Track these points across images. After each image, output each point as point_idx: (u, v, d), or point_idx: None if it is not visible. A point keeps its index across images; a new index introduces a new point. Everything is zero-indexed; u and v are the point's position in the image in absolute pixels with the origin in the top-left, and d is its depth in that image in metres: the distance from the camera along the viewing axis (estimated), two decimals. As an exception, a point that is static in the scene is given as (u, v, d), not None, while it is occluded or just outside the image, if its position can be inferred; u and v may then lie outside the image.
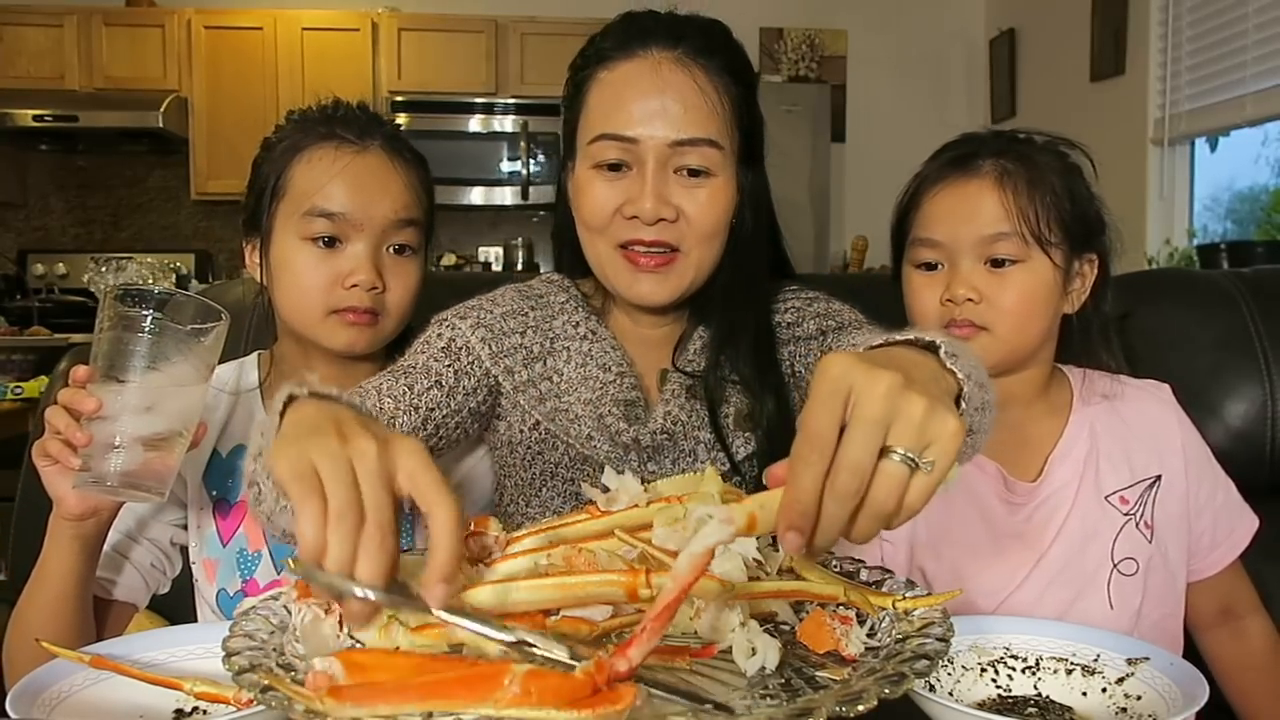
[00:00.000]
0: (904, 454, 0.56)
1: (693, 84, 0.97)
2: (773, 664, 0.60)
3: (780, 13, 4.79)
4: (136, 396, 0.81)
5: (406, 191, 1.09)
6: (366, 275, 1.05)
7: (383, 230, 1.07)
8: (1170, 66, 3.44)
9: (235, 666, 0.57)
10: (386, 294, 1.08)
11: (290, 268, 1.07)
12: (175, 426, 0.84)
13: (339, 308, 1.06)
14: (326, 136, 1.08)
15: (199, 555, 1.12)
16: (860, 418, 0.56)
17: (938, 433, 0.56)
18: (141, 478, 0.82)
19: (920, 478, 0.56)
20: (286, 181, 1.08)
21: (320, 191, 1.06)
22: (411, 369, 0.99)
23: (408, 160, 1.11)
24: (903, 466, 0.56)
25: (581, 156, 1.01)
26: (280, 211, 1.08)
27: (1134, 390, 1.12)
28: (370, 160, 1.08)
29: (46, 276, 4.45)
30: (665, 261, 0.99)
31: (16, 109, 4.09)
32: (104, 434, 0.82)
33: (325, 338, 1.07)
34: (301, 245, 1.06)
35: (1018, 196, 1.01)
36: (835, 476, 0.55)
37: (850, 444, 0.56)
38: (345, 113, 1.11)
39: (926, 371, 0.63)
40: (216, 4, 4.37)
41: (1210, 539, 1.10)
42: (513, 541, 0.71)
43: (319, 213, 1.05)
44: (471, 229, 4.70)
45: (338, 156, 1.07)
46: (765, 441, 1.03)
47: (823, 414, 0.56)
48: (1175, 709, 0.69)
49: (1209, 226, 3.60)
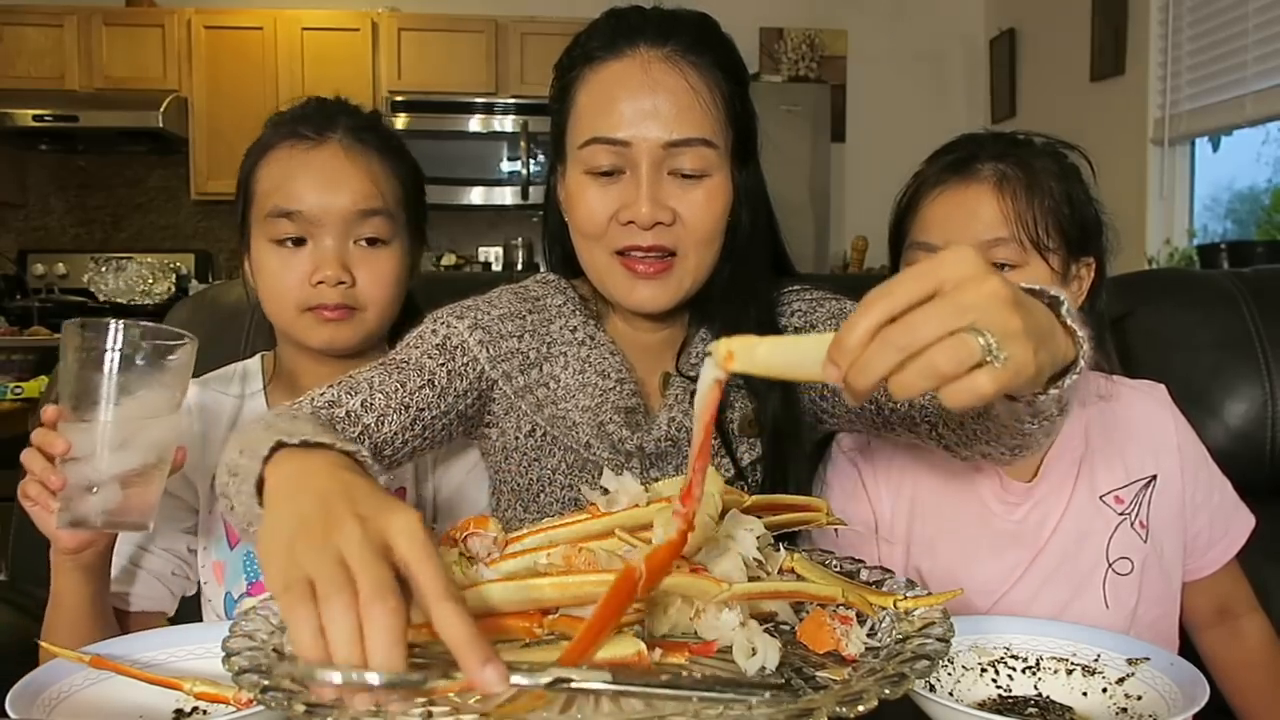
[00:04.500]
0: (985, 336, 0.52)
1: (684, 82, 0.95)
2: (773, 664, 0.60)
3: (780, 13, 4.79)
4: (107, 434, 0.79)
5: (367, 182, 1.07)
6: (332, 270, 1.04)
7: (345, 224, 1.06)
8: (1170, 66, 3.44)
9: (235, 666, 0.57)
10: (358, 288, 1.06)
11: (263, 271, 1.08)
12: (150, 459, 0.82)
13: (311, 305, 1.05)
14: (287, 135, 1.07)
15: (207, 558, 1.11)
16: (948, 295, 0.53)
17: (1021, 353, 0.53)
18: (123, 514, 0.81)
19: (989, 369, 0.53)
20: (253, 185, 1.08)
21: (279, 191, 1.05)
22: (405, 364, 0.96)
23: (370, 147, 1.09)
24: (977, 341, 0.52)
25: (573, 161, 0.99)
26: (252, 216, 1.09)
27: (1129, 390, 1.12)
28: (325, 154, 1.06)
29: (46, 276, 4.45)
30: (663, 268, 0.97)
31: (16, 109, 4.09)
32: (78, 476, 0.80)
33: (304, 336, 1.07)
34: (270, 248, 1.06)
35: (1016, 201, 1.00)
36: (890, 327, 0.53)
37: (923, 310, 0.53)
38: (308, 109, 1.11)
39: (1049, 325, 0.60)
40: (216, 4, 4.37)
41: (1207, 538, 1.10)
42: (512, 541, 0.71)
43: (280, 212, 1.05)
44: (471, 229, 4.70)
45: (293, 154, 1.06)
46: (770, 446, 1.02)
47: (908, 280, 0.54)
48: (1175, 709, 0.69)
49: (1209, 226, 3.60)
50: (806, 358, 0.56)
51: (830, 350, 0.54)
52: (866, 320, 0.53)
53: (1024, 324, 0.54)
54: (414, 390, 0.94)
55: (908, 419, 0.93)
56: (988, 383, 0.53)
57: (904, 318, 0.53)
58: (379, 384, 0.93)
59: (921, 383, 0.53)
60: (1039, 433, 0.76)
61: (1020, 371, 0.54)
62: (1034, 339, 0.55)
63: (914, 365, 0.53)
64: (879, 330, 0.53)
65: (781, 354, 0.57)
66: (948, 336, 0.52)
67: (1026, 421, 0.72)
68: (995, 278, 0.54)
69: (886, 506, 1.09)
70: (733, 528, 0.70)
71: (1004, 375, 0.53)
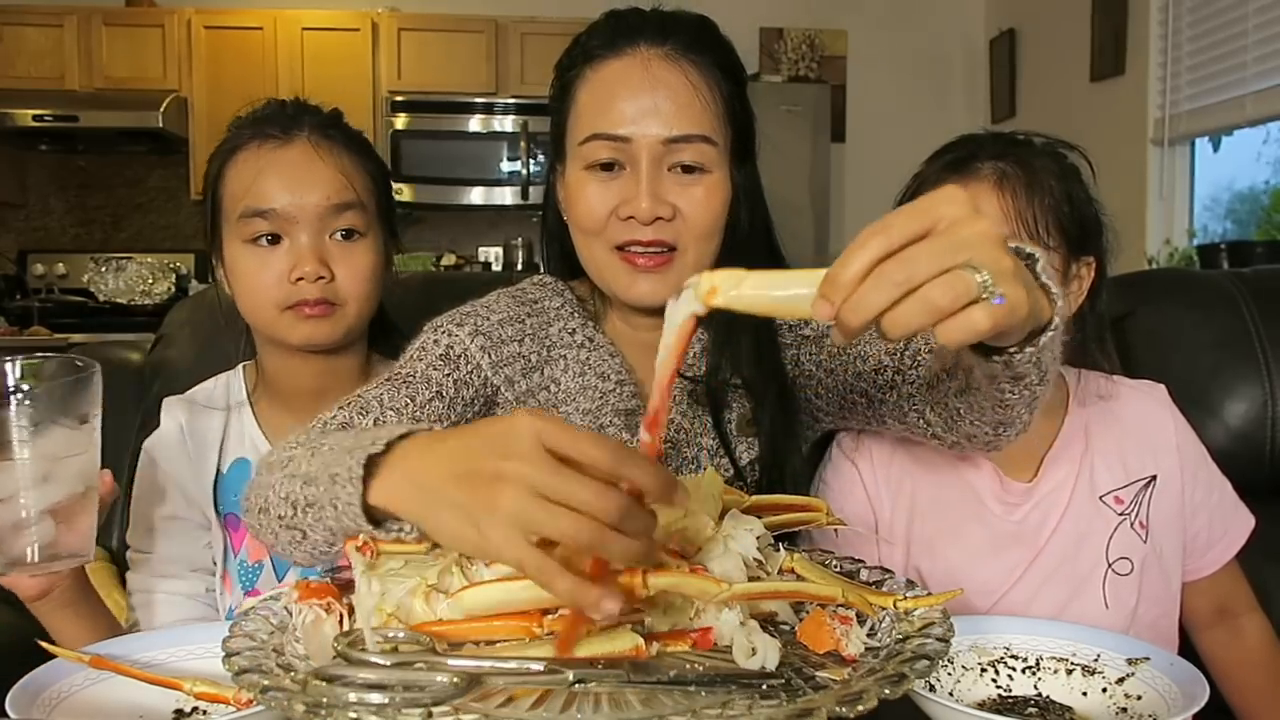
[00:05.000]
0: (980, 273, 0.52)
1: (684, 80, 0.95)
2: (773, 664, 0.60)
3: (780, 13, 4.79)
4: (27, 471, 0.78)
5: (338, 176, 1.07)
6: (311, 266, 1.04)
7: (320, 219, 1.06)
8: (1170, 66, 3.44)
9: (235, 666, 0.57)
10: (337, 282, 1.06)
11: (238, 273, 1.07)
12: (77, 488, 0.81)
13: (291, 303, 1.05)
14: (253, 136, 1.07)
15: (218, 570, 1.11)
16: (943, 232, 0.53)
17: (1014, 292, 0.53)
18: (62, 549, 0.80)
19: (984, 305, 0.52)
20: (221, 189, 1.08)
21: (250, 191, 1.05)
22: (411, 378, 0.96)
23: (337, 143, 1.09)
24: (974, 278, 0.52)
25: (573, 158, 0.99)
26: (223, 220, 1.08)
27: (1129, 391, 1.12)
28: (294, 151, 1.07)
29: (46, 276, 4.45)
30: (663, 261, 0.97)
31: (16, 109, 4.08)
32: (6, 517, 0.79)
33: (285, 334, 1.07)
34: (245, 248, 1.06)
35: (1015, 200, 1.00)
36: (886, 262, 0.52)
37: (921, 245, 0.52)
38: (270, 111, 1.11)
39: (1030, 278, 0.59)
40: (216, 4, 4.37)
41: (1206, 539, 1.10)
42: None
43: (253, 213, 1.05)
44: (471, 229, 4.69)
45: (260, 154, 1.06)
46: (769, 446, 1.02)
47: (903, 217, 0.53)
48: (1175, 709, 0.69)
49: (1209, 226, 3.60)
50: (796, 295, 0.54)
51: (823, 287, 0.53)
52: (863, 255, 0.52)
53: (1014, 266, 0.54)
54: (424, 404, 0.94)
55: (897, 409, 0.94)
56: (983, 318, 0.53)
57: (901, 253, 0.52)
58: (389, 401, 0.93)
59: (918, 318, 0.52)
60: (1019, 405, 0.76)
61: (1014, 310, 0.54)
62: (1023, 282, 0.55)
63: (910, 300, 0.52)
64: (875, 266, 0.53)
65: (769, 290, 0.55)
66: (944, 273, 0.52)
67: (1006, 388, 0.72)
68: (986, 219, 0.54)
69: (886, 507, 1.09)
70: (733, 528, 0.70)
71: (999, 312, 0.53)
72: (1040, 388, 0.73)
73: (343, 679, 0.56)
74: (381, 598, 0.64)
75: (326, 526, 0.69)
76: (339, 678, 0.56)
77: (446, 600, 0.63)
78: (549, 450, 0.55)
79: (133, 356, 1.44)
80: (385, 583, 0.64)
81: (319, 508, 0.69)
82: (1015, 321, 0.56)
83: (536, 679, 0.57)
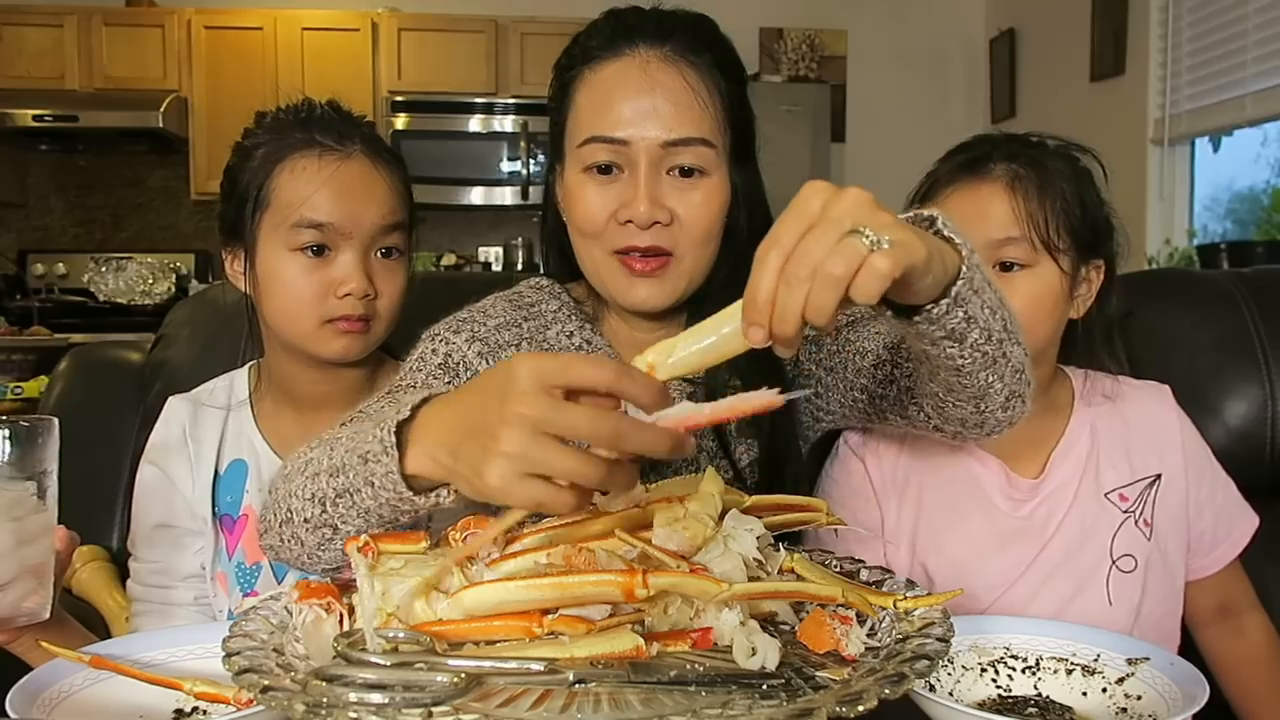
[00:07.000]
0: (864, 232, 0.56)
1: (683, 82, 0.95)
2: (773, 664, 0.60)
3: (780, 13, 4.79)
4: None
5: (391, 195, 1.08)
6: (359, 283, 1.04)
7: (371, 236, 1.06)
8: (1170, 66, 3.44)
9: (235, 666, 0.57)
10: (378, 300, 1.06)
11: (280, 279, 1.06)
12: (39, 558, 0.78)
13: (332, 317, 1.04)
14: (307, 143, 1.06)
15: (213, 570, 1.11)
16: (823, 218, 0.57)
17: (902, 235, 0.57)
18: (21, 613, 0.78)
19: (880, 252, 0.56)
20: (270, 192, 1.06)
21: (307, 202, 1.04)
22: (411, 390, 0.94)
23: (389, 162, 1.10)
24: (860, 240, 0.56)
25: (571, 160, 0.99)
26: (265, 222, 1.06)
27: (1135, 390, 1.13)
28: (354, 167, 1.06)
29: (46, 276, 4.45)
30: (660, 265, 0.96)
31: (16, 109, 4.09)
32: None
33: (318, 347, 1.06)
34: (290, 256, 1.05)
35: (1028, 201, 1.01)
36: (787, 266, 0.56)
37: (807, 238, 0.56)
38: (321, 115, 1.10)
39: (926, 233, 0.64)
40: (216, 4, 4.37)
41: (1210, 538, 1.11)
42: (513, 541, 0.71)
43: (307, 224, 1.04)
44: (471, 229, 4.70)
45: (321, 165, 1.05)
46: (768, 447, 1.02)
47: (788, 220, 0.57)
48: (1175, 709, 0.69)
49: (1209, 226, 3.60)
50: (724, 335, 0.58)
51: (746, 314, 0.57)
52: (768, 271, 0.57)
53: (893, 218, 0.58)
54: None
55: (898, 403, 0.94)
56: (883, 261, 0.56)
57: (794, 251, 0.56)
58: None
59: (829, 294, 0.56)
60: (979, 370, 0.76)
61: (910, 249, 0.58)
62: (911, 230, 0.59)
63: (816, 284, 0.56)
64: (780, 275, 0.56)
65: (698, 343, 0.59)
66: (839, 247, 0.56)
67: (953, 351, 0.73)
68: (854, 188, 0.58)
69: (893, 502, 1.09)
70: (733, 528, 0.70)
71: (896, 253, 0.56)
72: (989, 347, 0.73)
73: (343, 679, 0.56)
74: (382, 598, 0.64)
75: (361, 512, 0.70)
76: (339, 678, 0.56)
77: (446, 600, 0.63)
78: (550, 386, 0.57)
79: (133, 356, 1.44)
80: (385, 582, 0.64)
81: (352, 493, 0.70)
82: (915, 261, 0.58)
83: (536, 679, 0.57)
